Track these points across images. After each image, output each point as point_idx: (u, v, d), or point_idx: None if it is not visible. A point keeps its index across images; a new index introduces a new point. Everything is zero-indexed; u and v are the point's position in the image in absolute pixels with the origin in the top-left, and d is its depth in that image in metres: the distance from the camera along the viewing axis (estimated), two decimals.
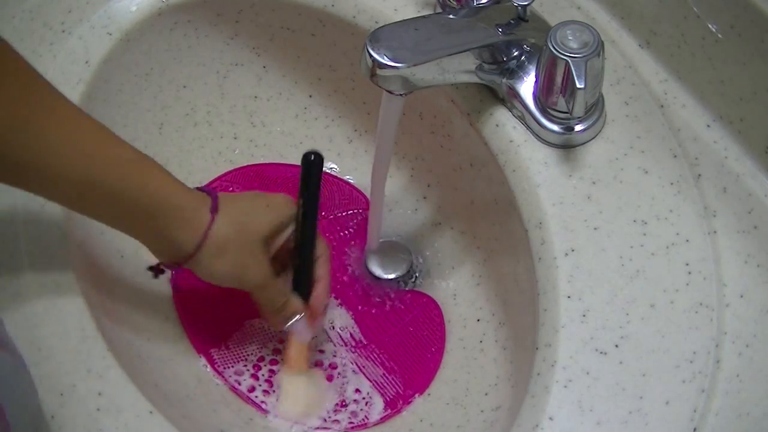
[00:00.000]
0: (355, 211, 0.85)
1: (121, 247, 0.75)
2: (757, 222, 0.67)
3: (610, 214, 0.68)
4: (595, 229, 0.67)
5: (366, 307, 0.80)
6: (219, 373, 0.75)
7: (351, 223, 0.85)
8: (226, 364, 0.75)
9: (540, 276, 0.67)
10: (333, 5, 0.81)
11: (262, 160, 0.87)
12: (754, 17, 0.64)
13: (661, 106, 0.73)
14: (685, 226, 0.67)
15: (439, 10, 0.77)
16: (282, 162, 0.87)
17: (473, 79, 0.71)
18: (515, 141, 0.72)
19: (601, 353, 0.63)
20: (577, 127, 0.71)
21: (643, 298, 0.65)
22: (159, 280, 0.74)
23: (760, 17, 0.64)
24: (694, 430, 0.60)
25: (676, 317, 0.64)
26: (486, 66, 0.70)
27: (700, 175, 0.69)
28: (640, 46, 0.75)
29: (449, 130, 0.80)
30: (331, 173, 0.87)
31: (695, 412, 0.61)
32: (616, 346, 0.63)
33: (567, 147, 0.71)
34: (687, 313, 0.64)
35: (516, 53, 0.71)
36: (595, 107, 0.71)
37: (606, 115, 0.72)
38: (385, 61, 0.64)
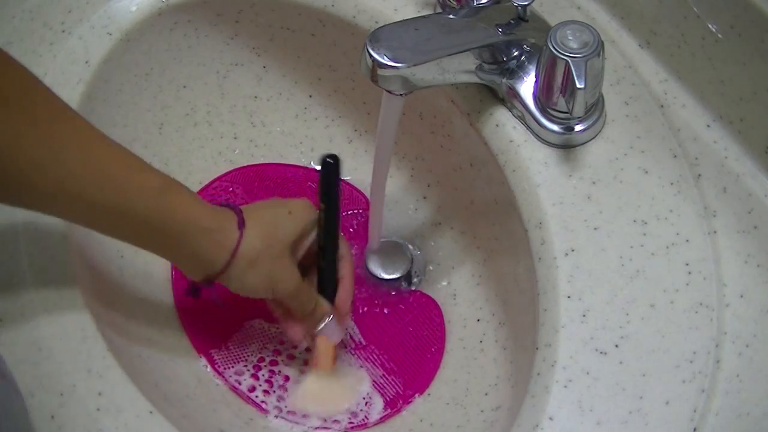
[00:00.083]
0: (355, 211, 0.85)
1: (122, 247, 0.75)
2: (757, 222, 0.67)
3: (610, 214, 0.68)
4: (595, 229, 0.67)
5: (366, 308, 0.80)
6: (219, 374, 0.75)
7: (351, 223, 0.84)
8: (226, 364, 0.75)
9: (540, 276, 0.67)
10: (333, 5, 0.81)
11: (262, 160, 0.87)
12: (754, 17, 0.64)
13: (661, 106, 0.73)
14: (685, 226, 0.67)
15: (439, 10, 0.77)
16: (282, 162, 0.87)
17: (473, 79, 0.71)
18: (515, 141, 0.72)
19: (601, 353, 0.63)
20: (577, 127, 0.71)
21: (643, 298, 0.64)
22: (159, 280, 0.74)
23: (760, 17, 0.64)
24: (694, 430, 0.60)
25: (676, 317, 0.64)
26: (486, 66, 0.70)
27: (700, 175, 0.69)
28: (640, 46, 0.75)
29: (449, 130, 0.80)
30: None
31: (695, 412, 0.60)
32: (616, 346, 0.63)
33: (567, 147, 0.71)
34: (687, 313, 0.64)
35: (516, 53, 0.71)
36: (595, 107, 0.71)
37: (606, 115, 0.72)
38: (385, 61, 0.64)
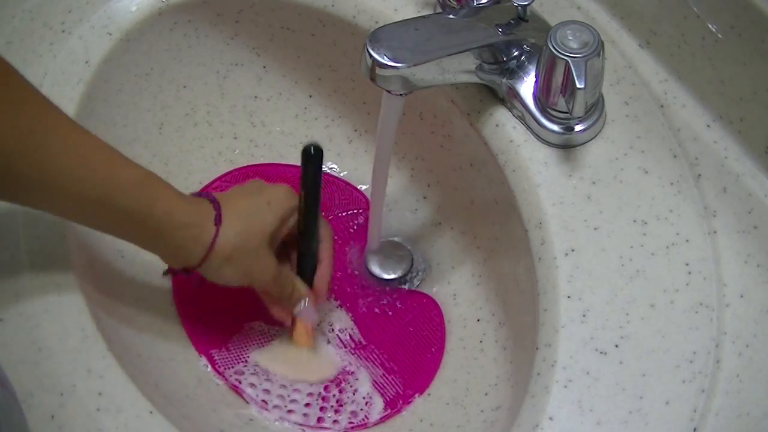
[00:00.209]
0: (355, 211, 0.85)
1: (121, 247, 0.75)
2: (757, 222, 0.67)
3: (610, 214, 0.68)
4: (595, 229, 0.67)
5: (366, 308, 0.80)
6: (219, 374, 0.75)
7: (351, 223, 0.84)
8: (226, 364, 0.75)
9: (540, 276, 0.67)
10: (333, 5, 0.81)
11: (262, 160, 0.87)
12: (754, 17, 0.64)
13: (661, 106, 0.73)
14: (685, 226, 0.67)
15: (439, 10, 0.77)
16: (282, 162, 0.87)
17: (473, 79, 0.71)
18: (515, 141, 0.72)
19: (601, 353, 0.63)
20: (577, 127, 0.71)
21: (643, 298, 0.64)
22: (159, 280, 0.74)
23: (760, 17, 0.64)
24: (694, 430, 0.60)
25: (676, 317, 0.64)
26: (486, 66, 0.70)
27: (700, 175, 0.69)
28: (640, 46, 0.75)
29: (449, 130, 0.80)
30: (331, 173, 0.87)
31: (695, 412, 0.60)
32: (616, 346, 0.63)
33: (567, 147, 0.71)
34: (687, 313, 0.64)
35: (516, 53, 0.71)
36: (595, 107, 0.71)
37: (606, 115, 0.72)
38: (385, 61, 0.64)
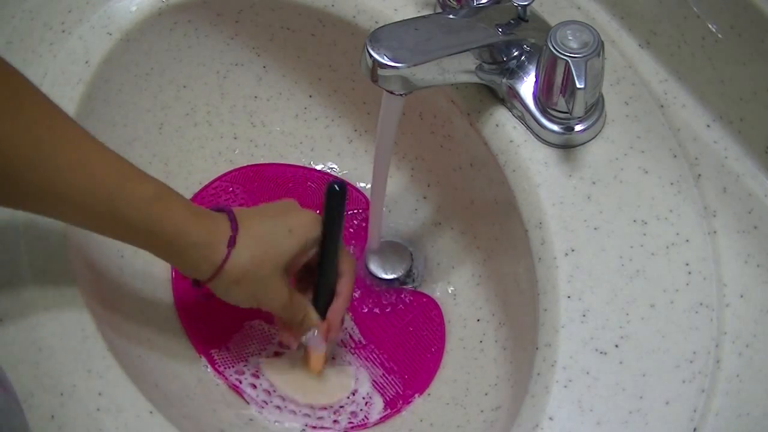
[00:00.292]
0: (355, 211, 0.85)
1: (121, 247, 0.75)
2: (757, 222, 0.67)
3: (610, 214, 0.68)
4: (595, 229, 0.67)
5: (366, 308, 0.80)
6: (219, 373, 0.75)
7: (351, 223, 0.84)
8: (226, 364, 0.75)
9: (540, 276, 0.67)
10: (333, 5, 0.81)
11: (262, 160, 0.87)
12: (754, 17, 0.64)
13: (661, 106, 0.73)
14: (685, 226, 0.67)
15: (439, 10, 0.77)
16: (282, 162, 0.87)
17: (473, 79, 0.71)
18: (515, 141, 0.72)
19: (601, 353, 0.63)
20: (577, 127, 0.71)
21: (643, 298, 0.64)
22: (159, 280, 0.74)
23: (760, 17, 0.64)
24: (694, 430, 0.60)
25: (676, 317, 0.64)
26: (486, 66, 0.70)
27: (700, 175, 0.69)
28: (640, 46, 0.75)
29: (449, 130, 0.80)
30: (331, 173, 0.87)
31: (695, 412, 0.60)
32: (616, 346, 0.63)
33: (567, 147, 0.71)
34: (687, 313, 0.64)
35: (516, 53, 0.71)
36: (595, 107, 0.71)
37: (606, 115, 0.72)
38: (385, 61, 0.64)
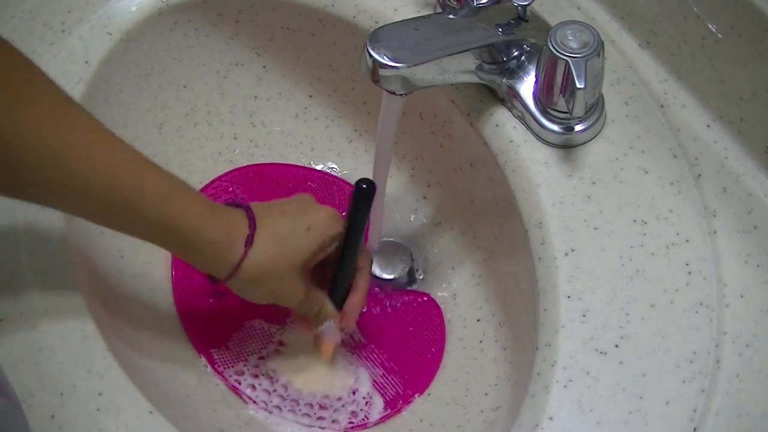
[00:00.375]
0: None
1: (121, 247, 0.75)
2: (757, 222, 0.67)
3: (610, 214, 0.68)
4: (595, 229, 0.67)
5: (366, 307, 0.80)
6: (219, 373, 0.75)
7: None
8: (226, 364, 0.75)
9: (540, 276, 0.67)
10: (333, 5, 0.81)
11: (262, 160, 0.87)
12: (754, 17, 0.64)
13: (661, 106, 0.73)
14: (685, 226, 0.67)
15: (439, 10, 0.77)
16: (282, 162, 0.87)
17: (473, 79, 0.71)
18: (515, 141, 0.72)
19: (601, 353, 0.63)
20: (577, 127, 0.71)
21: (643, 298, 0.64)
22: (159, 281, 0.74)
23: (760, 17, 0.64)
24: (694, 430, 0.60)
25: (676, 317, 0.64)
26: (486, 66, 0.70)
27: (700, 175, 0.69)
28: (640, 46, 0.75)
29: (449, 130, 0.80)
30: (331, 173, 0.87)
31: (695, 412, 0.60)
32: (616, 346, 0.63)
33: (567, 147, 0.71)
34: (687, 313, 0.64)
35: (516, 53, 0.71)
36: (595, 107, 0.71)
37: (606, 115, 0.72)
38: (385, 61, 0.64)
